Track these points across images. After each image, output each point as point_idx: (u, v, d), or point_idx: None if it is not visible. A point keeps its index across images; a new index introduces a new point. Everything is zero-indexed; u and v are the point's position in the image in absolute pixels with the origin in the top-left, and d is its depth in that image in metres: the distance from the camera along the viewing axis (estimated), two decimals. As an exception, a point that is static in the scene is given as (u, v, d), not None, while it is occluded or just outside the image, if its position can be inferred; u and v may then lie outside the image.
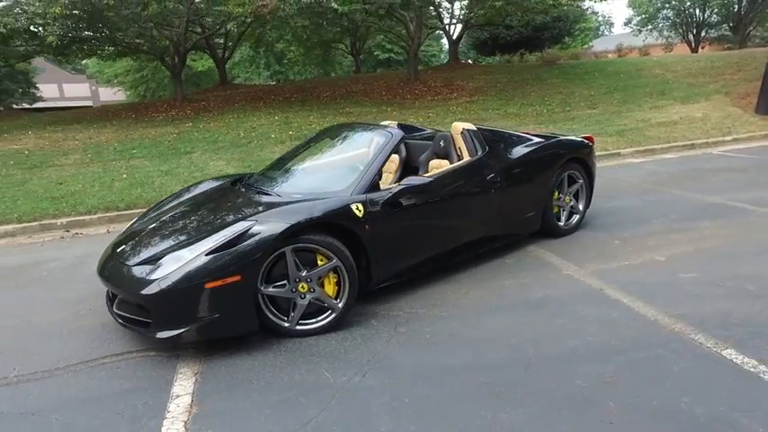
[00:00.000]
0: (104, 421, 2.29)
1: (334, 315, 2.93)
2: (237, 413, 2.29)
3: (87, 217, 5.92)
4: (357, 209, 2.98)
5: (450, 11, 17.71)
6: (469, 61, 27.57)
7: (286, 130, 10.24)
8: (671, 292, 3.22)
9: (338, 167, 3.47)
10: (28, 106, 22.44)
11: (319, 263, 2.86)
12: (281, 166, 3.89)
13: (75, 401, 2.46)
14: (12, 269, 4.63)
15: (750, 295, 3.10)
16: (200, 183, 4.11)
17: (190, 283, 2.56)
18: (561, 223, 4.36)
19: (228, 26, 11.34)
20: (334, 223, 2.90)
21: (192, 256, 2.63)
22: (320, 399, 2.33)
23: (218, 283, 2.58)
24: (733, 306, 2.98)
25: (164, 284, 2.58)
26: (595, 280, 3.47)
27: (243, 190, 3.52)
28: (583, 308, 3.07)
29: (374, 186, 3.20)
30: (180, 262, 2.64)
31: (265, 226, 2.71)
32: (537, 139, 4.30)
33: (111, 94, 30.91)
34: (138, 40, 12.96)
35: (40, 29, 10.69)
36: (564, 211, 4.39)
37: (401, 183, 3.16)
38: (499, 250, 4.05)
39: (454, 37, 19.08)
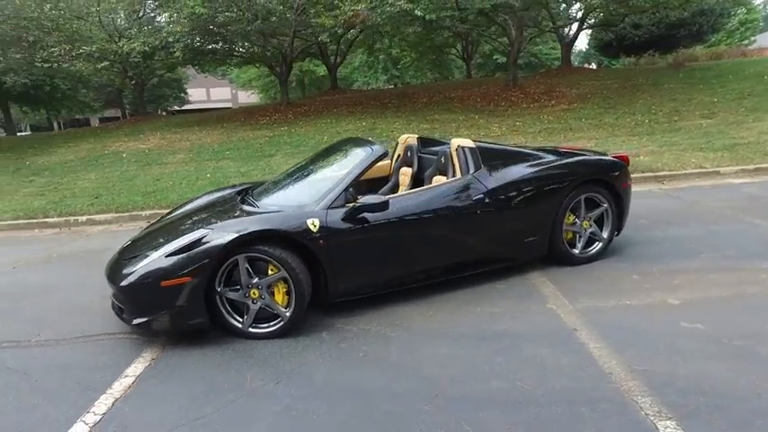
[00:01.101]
0: (64, 387, 2.75)
1: (283, 323, 3.10)
2: (159, 399, 2.58)
3: (166, 210, 6.84)
4: (312, 224, 3.10)
5: (558, 12, 16.64)
6: (592, 65, 25.55)
7: (367, 136, 10.59)
8: (654, 342, 2.80)
9: (319, 182, 3.61)
10: (178, 108, 26.27)
11: (270, 272, 3.05)
12: (282, 177, 4.15)
13: (58, 368, 2.98)
14: (91, 252, 5.58)
15: (752, 360, 2.57)
16: (219, 189, 4.55)
17: (149, 280, 2.94)
18: (576, 251, 3.98)
19: (320, 38, 12.19)
20: (288, 236, 3.06)
21: (156, 257, 3.00)
22: (226, 398, 2.52)
23: (171, 282, 2.91)
24: (718, 370, 2.50)
25: (131, 279, 2.99)
26: (576, 318, 3.15)
27: (237, 199, 3.85)
28: (536, 348, 2.82)
29: (342, 202, 3.28)
30: (146, 261, 3.03)
31: (217, 234, 2.97)
32: (549, 158, 3.98)
33: (247, 97, 34.68)
34: (255, 49, 14.45)
35: (173, 45, 12.49)
36: (581, 237, 4.00)
37: (358, 200, 3.20)
38: (496, 274, 3.84)
39: (568, 39, 17.90)
